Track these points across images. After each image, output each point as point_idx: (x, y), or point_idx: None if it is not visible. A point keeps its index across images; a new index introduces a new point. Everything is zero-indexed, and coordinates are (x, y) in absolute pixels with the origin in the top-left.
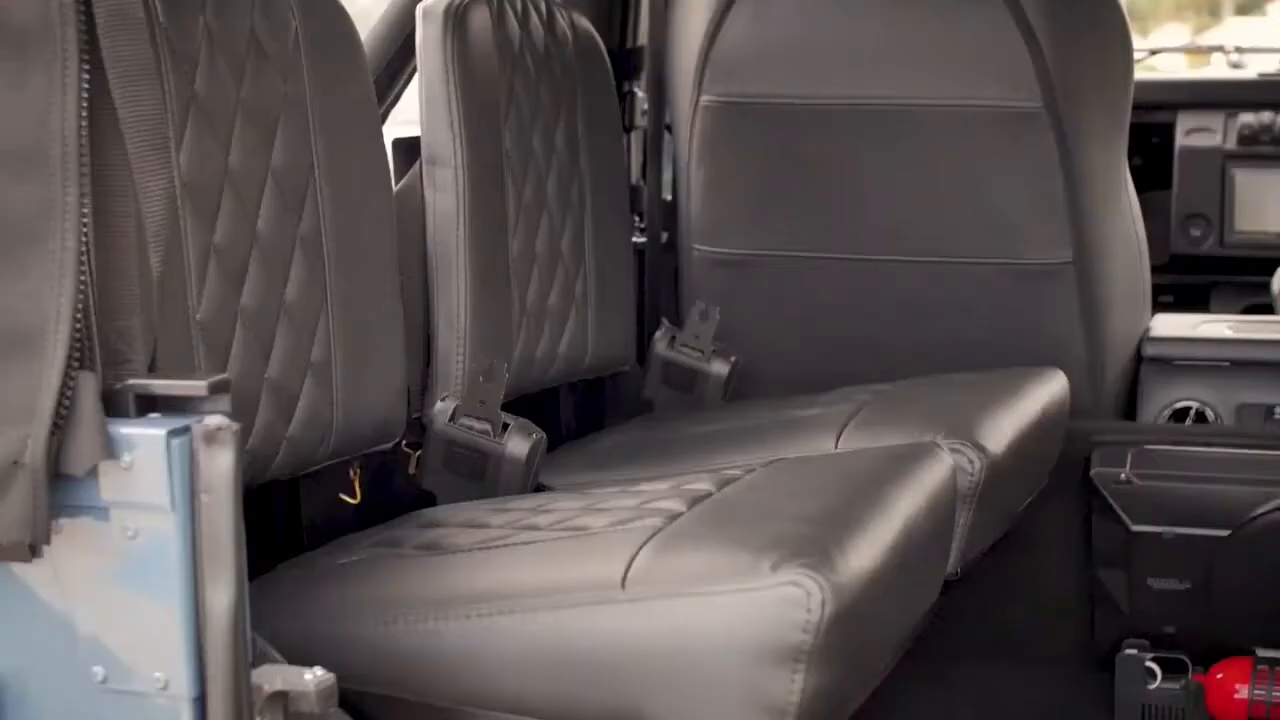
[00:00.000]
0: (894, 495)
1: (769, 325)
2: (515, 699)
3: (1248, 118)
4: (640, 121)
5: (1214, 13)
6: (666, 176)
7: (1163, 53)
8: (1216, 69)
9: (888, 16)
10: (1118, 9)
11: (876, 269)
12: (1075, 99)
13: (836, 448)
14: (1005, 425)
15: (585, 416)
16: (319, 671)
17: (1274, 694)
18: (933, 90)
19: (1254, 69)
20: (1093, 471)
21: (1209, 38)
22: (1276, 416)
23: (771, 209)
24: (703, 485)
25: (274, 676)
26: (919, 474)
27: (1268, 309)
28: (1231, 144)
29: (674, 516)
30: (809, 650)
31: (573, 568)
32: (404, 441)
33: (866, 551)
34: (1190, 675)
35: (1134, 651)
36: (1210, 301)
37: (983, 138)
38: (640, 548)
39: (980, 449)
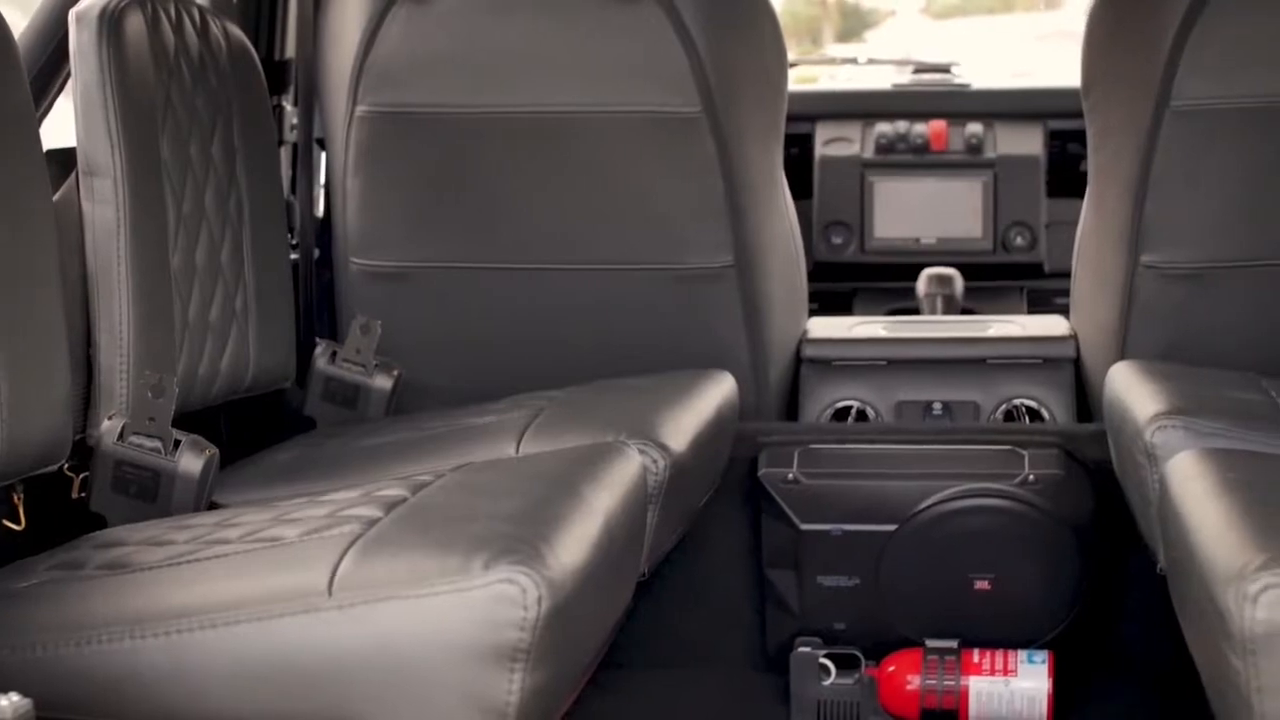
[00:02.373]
0: (591, 492)
1: (433, 337)
2: (224, 715)
3: (884, 127)
4: (290, 136)
5: (815, 40)
6: (319, 191)
7: (801, 65)
8: (852, 80)
9: (545, 24)
10: (770, 13)
11: (541, 278)
12: (732, 103)
13: (518, 453)
14: (684, 425)
15: (247, 436)
16: (14, 697)
17: (945, 683)
18: (592, 97)
19: (888, 80)
20: (760, 472)
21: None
22: (935, 412)
23: (432, 220)
24: (396, 491)
25: None
26: (611, 471)
27: (911, 313)
28: (869, 153)
29: (372, 522)
30: (526, 648)
31: (274, 578)
32: (65, 464)
33: (574, 548)
34: (863, 670)
35: (807, 650)
36: (853, 307)
37: (643, 143)
38: (343, 554)
39: (663, 448)
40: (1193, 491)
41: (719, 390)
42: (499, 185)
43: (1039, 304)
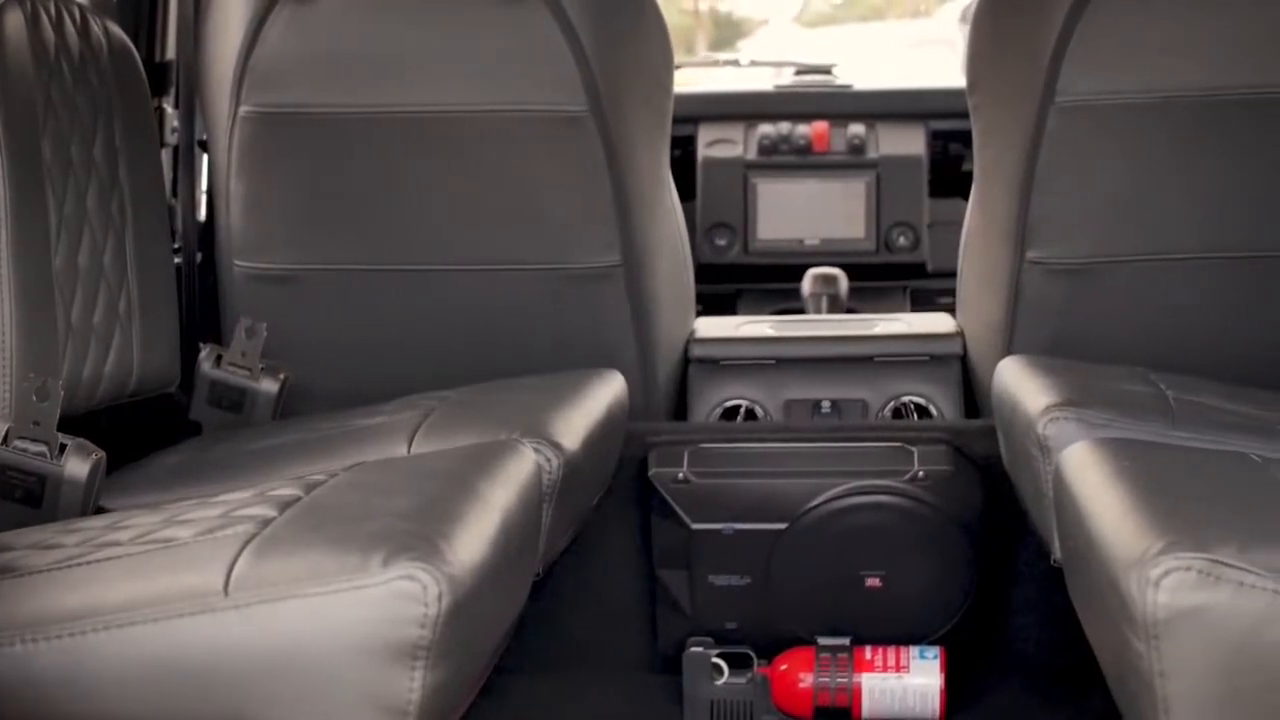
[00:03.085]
0: (487, 489)
1: (320, 340)
2: (121, 717)
3: (766, 128)
4: (171, 138)
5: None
6: (201, 193)
7: (684, 67)
8: (734, 82)
9: (431, 24)
10: (657, 14)
11: (428, 279)
12: (619, 102)
13: (410, 452)
14: (576, 424)
15: (132, 441)
16: None
17: (838, 680)
18: (478, 97)
19: (770, 82)
20: (650, 472)
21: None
22: (823, 410)
23: (317, 221)
24: (289, 491)
25: None
26: (507, 469)
27: (796, 313)
28: (752, 154)
29: (267, 522)
30: (427, 645)
31: (168, 579)
32: None
33: (473, 544)
34: (755, 669)
35: (699, 649)
36: (737, 309)
37: (530, 143)
38: (239, 554)
39: (556, 446)
40: (1088, 481)
41: (609, 389)
42: (385, 186)
43: (922, 303)
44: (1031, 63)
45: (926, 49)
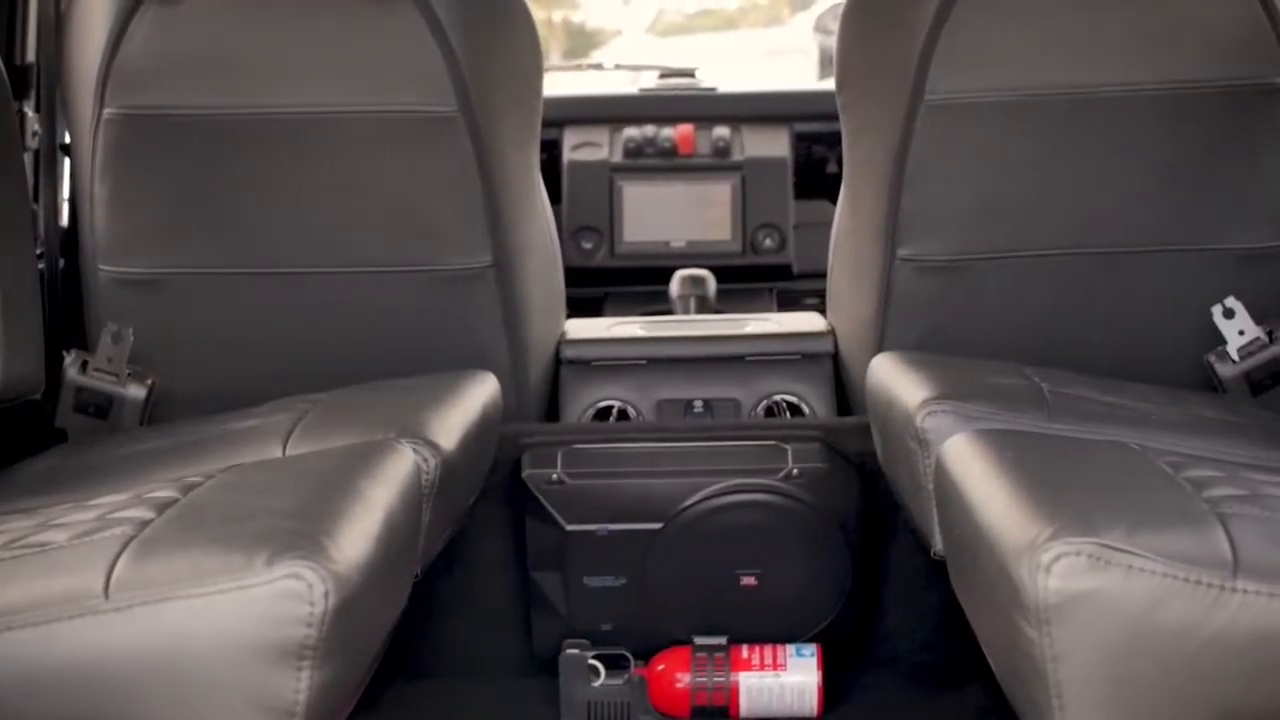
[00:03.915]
0: (368, 488)
1: (188, 345)
2: None
3: (632, 131)
4: (31, 142)
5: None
6: (64, 198)
7: (548, 71)
8: (600, 85)
9: (300, 24)
10: (527, 15)
11: (299, 282)
12: (489, 103)
13: (285, 454)
14: (451, 424)
15: None
16: None
17: (715, 679)
18: (348, 97)
19: (635, 85)
20: (524, 473)
21: None
22: (696, 410)
23: (185, 225)
24: (166, 493)
25: None
26: (386, 468)
27: (664, 315)
28: (618, 157)
29: (145, 523)
30: (314, 645)
31: (47, 583)
32: None
33: (357, 542)
34: (632, 670)
35: (575, 651)
36: (604, 312)
37: (400, 144)
38: (118, 556)
39: (434, 446)
40: (972, 471)
41: (483, 390)
42: (254, 188)
43: (788, 305)
44: (901, 61)
45: (781, 58)
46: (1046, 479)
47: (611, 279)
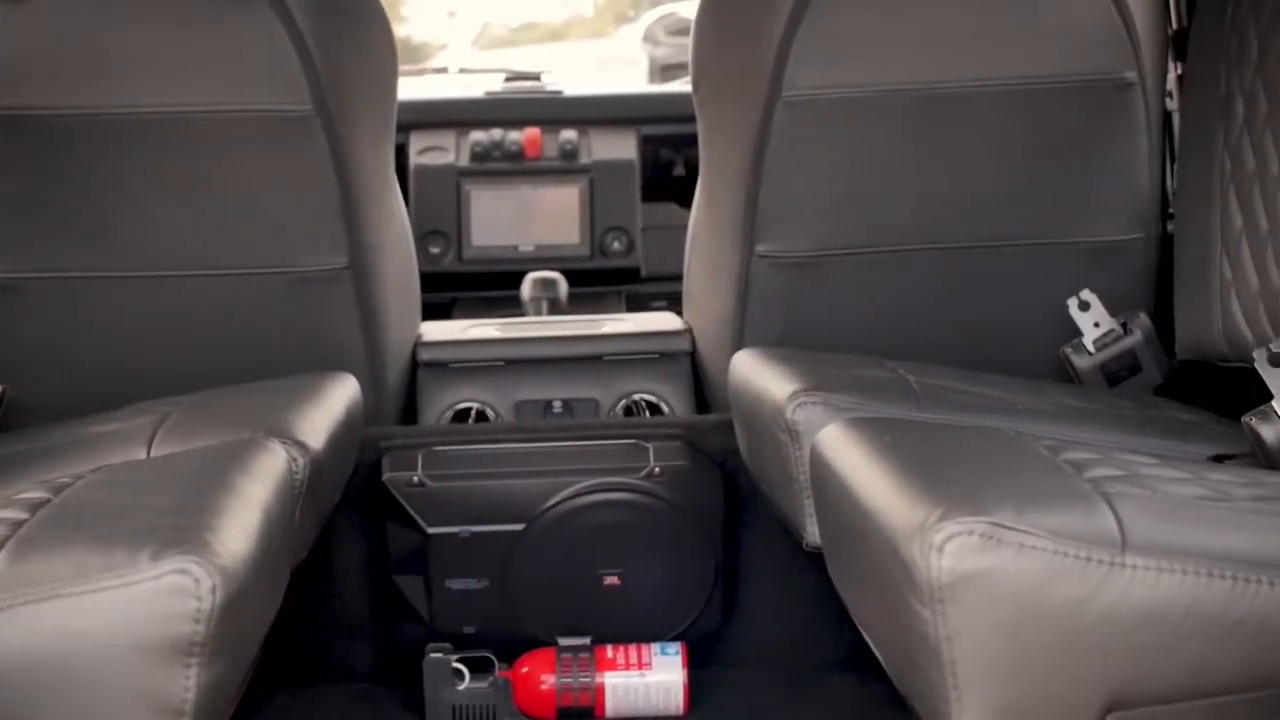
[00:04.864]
0: (243, 485)
1: (38, 352)
2: None
3: (478, 135)
4: None
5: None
6: None
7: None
8: (445, 89)
9: (152, 24)
10: (382, 17)
11: (153, 285)
12: (345, 103)
13: (150, 455)
14: (318, 423)
15: None
16: None
17: (580, 680)
18: (201, 97)
19: (481, 89)
20: (384, 476)
21: None
22: (555, 410)
23: (34, 229)
24: (36, 494)
25: None
26: (260, 465)
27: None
28: (464, 161)
29: (18, 524)
30: (201, 641)
31: None
32: None
33: (239, 537)
34: (496, 672)
35: (438, 655)
36: (453, 317)
37: (256, 144)
38: None
39: (302, 445)
40: (850, 459)
41: (344, 391)
42: (106, 190)
43: (637, 307)
44: (758, 57)
45: (611, 68)
46: (929, 462)
47: (460, 284)
